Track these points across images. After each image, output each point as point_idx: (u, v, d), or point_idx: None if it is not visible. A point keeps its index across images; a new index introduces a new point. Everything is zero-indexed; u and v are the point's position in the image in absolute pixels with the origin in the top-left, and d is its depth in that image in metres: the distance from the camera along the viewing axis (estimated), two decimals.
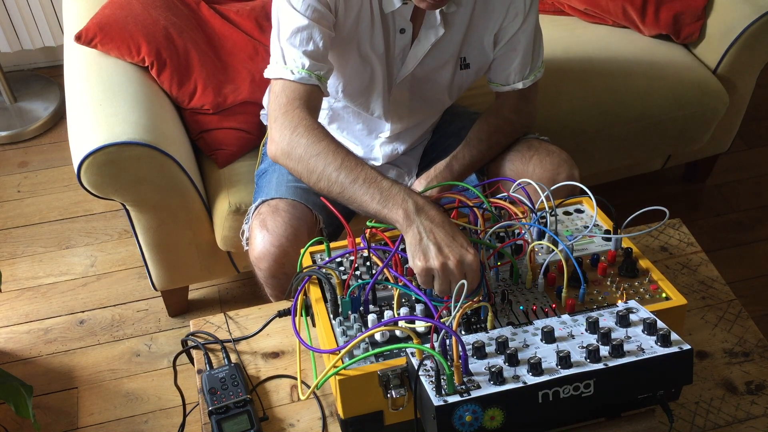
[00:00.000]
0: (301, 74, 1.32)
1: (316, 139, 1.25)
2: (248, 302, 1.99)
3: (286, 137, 1.27)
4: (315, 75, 1.33)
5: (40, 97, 2.75)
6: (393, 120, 1.57)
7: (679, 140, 2.10)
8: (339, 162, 1.21)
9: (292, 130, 1.27)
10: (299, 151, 1.25)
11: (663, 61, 2.09)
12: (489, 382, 0.93)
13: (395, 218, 1.13)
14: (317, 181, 1.23)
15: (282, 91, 1.33)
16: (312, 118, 1.29)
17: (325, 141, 1.24)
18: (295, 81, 1.32)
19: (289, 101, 1.31)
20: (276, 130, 1.29)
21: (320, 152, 1.23)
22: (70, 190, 2.46)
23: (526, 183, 1.27)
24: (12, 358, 2.00)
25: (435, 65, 1.49)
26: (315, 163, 1.23)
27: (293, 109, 1.29)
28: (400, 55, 1.46)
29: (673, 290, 1.13)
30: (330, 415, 1.17)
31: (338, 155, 1.22)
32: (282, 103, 1.31)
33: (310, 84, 1.33)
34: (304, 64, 1.32)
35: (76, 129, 1.62)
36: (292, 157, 1.26)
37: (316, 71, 1.33)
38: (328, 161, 1.22)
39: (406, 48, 1.45)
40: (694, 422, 1.16)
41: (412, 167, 1.68)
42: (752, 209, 2.42)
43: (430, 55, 1.46)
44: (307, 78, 1.32)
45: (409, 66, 1.46)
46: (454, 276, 1.07)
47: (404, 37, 1.43)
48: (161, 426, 1.86)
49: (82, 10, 1.88)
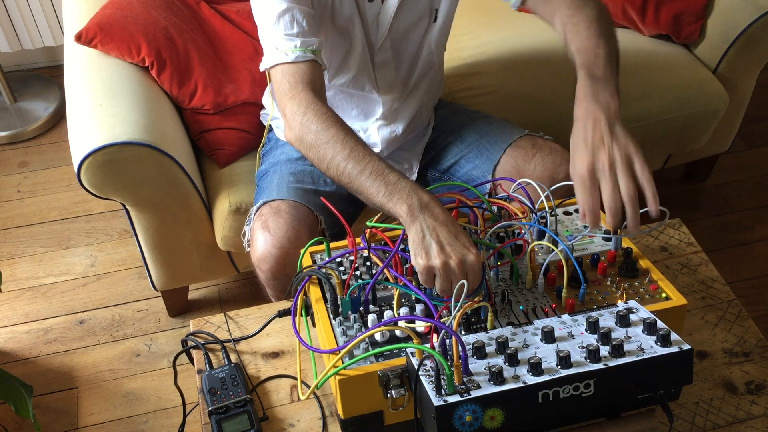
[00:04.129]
0: (296, 53, 1.32)
1: (326, 125, 1.24)
2: (248, 302, 1.99)
3: (297, 122, 1.27)
4: (309, 50, 1.33)
5: (40, 97, 2.75)
6: (384, 91, 1.56)
7: (679, 140, 2.10)
8: (347, 152, 1.20)
9: (302, 114, 1.27)
10: (310, 137, 1.25)
11: (663, 61, 2.09)
12: (489, 382, 0.93)
13: (399, 213, 1.13)
14: (327, 168, 1.23)
15: (282, 77, 1.32)
16: (320, 101, 1.28)
17: (334, 128, 1.24)
18: (292, 62, 1.32)
19: (291, 86, 1.31)
20: (288, 116, 1.29)
21: (329, 140, 1.22)
22: (70, 190, 2.46)
23: (526, 183, 1.27)
24: (12, 358, 2.00)
25: (409, 23, 1.49)
26: (324, 150, 1.23)
27: (299, 93, 1.29)
28: (375, 22, 1.46)
29: (673, 290, 1.13)
30: (330, 415, 1.17)
31: (347, 144, 1.21)
32: (286, 90, 1.31)
33: (307, 60, 1.33)
34: (295, 44, 1.32)
35: (76, 129, 1.62)
36: (304, 143, 1.26)
37: (309, 47, 1.33)
38: (336, 150, 1.21)
39: (378, 14, 1.45)
40: (694, 422, 1.16)
41: (413, 164, 1.68)
42: (752, 209, 2.42)
43: (402, 15, 1.46)
44: (302, 55, 1.32)
45: (383, 28, 1.47)
46: (455, 275, 1.07)
47: (374, 6, 1.44)
48: (161, 426, 1.86)
49: (82, 10, 1.88)
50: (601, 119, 1.11)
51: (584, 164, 1.08)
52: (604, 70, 1.20)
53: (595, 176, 1.08)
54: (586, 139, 1.10)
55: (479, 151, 1.62)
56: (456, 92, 2.03)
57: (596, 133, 1.10)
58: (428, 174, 1.71)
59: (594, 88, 1.16)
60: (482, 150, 1.61)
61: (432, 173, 1.70)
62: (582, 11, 1.33)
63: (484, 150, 1.61)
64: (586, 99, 1.15)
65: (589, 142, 1.10)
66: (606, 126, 1.10)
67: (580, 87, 1.18)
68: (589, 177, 1.08)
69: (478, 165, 1.61)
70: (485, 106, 1.95)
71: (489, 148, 1.61)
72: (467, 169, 1.62)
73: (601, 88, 1.16)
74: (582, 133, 1.11)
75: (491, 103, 1.97)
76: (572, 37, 1.30)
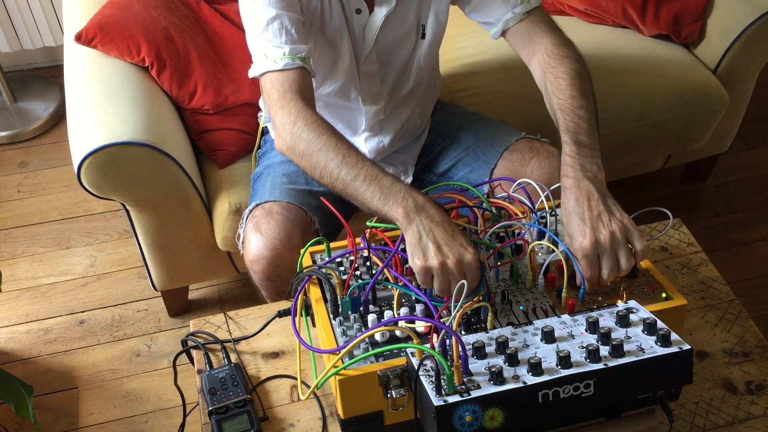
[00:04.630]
0: (285, 60, 1.32)
1: (317, 133, 1.24)
2: (248, 302, 1.98)
3: (288, 131, 1.27)
4: (298, 57, 1.33)
5: (40, 97, 2.75)
6: (368, 102, 1.56)
7: (679, 140, 2.10)
8: (340, 158, 1.20)
9: (293, 123, 1.27)
10: (301, 146, 1.25)
11: (663, 61, 2.09)
12: (489, 382, 0.93)
13: (395, 216, 1.13)
14: (321, 176, 1.23)
15: (272, 86, 1.32)
16: (310, 110, 1.28)
17: (325, 135, 1.24)
18: (281, 69, 1.32)
19: (281, 95, 1.30)
20: (278, 125, 1.29)
21: (321, 148, 1.23)
22: (70, 190, 2.46)
23: (526, 183, 1.27)
24: (12, 358, 2.00)
25: (396, 38, 1.49)
26: (317, 158, 1.23)
27: (288, 102, 1.29)
28: (362, 34, 1.46)
29: (673, 290, 1.13)
30: (330, 415, 1.17)
31: (339, 151, 1.21)
32: (275, 99, 1.31)
33: (296, 67, 1.33)
34: (284, 52, 1.32)
35: (76, 129, 1.62)
36: (296, 152, 1.26)
37: (298, 54, 1.33)
38: (329, 157, 1.21)
39: (365, 26, 1.46)
40: (694, 422, 1.16)
41: (409, 166, 1.68)
42: (752, 209, 2.42)
43: (389, 29, 1.46)
44: (291, 62, 1.32)
45: (369, 41, 1.46)
46: (453, 275, 1.07)
47: (362, 17, 1.44)
48: (161, 426, 1.86)
49: (82, 10, 1.88)
50: (593, 194, 1.15)
51: (587, 241, 1.11)
52: (589, 137, 1.24)
53: (597, 251, 1.11)
54: (583, 215, 1.13)
55: (476, 154, 1.62)
56: (455, 92, 2.03)
57: (593, 210, 1.13)
58: (425, 177, 1.70)
59: (581, 156, 1.20)
60: (479, 154, 1.61)
61: (429, 177, 1.70)
62: (564, 64, 1.35)
63: (481, 153, 1.61)
64: (575, 168, 1.18)
65: (587, 219, 1.13)
66: (600, 202, 1.14)
67: (567, 154, 1.21)
68: (592, 252, 1.11)
69: (475, 168, 1.60)
70: (484, 105, 1.95)
71: (486, 151, 1.60)
72: (464, 173, 1.62)
73: (588, 158, 1.20)
74: (576, 208, 1.14)
75: (490, 102, 1.97)
76: (554, 91, 1.32)
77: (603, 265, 1.11)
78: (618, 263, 1.11)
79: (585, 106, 1.29)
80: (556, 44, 1.39)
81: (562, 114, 1.28)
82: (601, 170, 1.19)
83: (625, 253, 1.11)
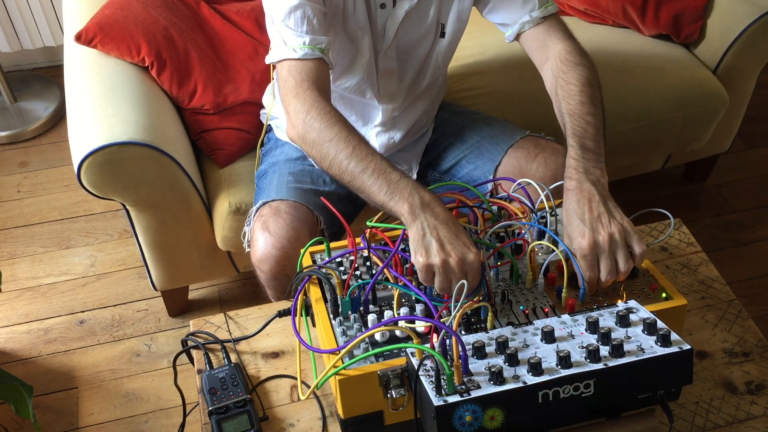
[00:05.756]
0: (304, 50, 1.32)
1: (329, 124, 1.24)
2: (248, 302, 1.99)
3: (300, 120, 1.27)
4: (318, 48, 1.33)
5: (40, 97, 2.75)
6: (384, 100, 1.56)
7: (679, 140, 2.10)
8: (350, 150, 1.20)
9: (306, 112, 1.27)
10: (313, 135, 1.25)
11: (663, 61, 2.09)
12: (489, 382, 0.93)
13: (400, 212, 1.13)
14: (329, 167, 1.24)
15: (289, 74, 1.32)
16: (325, 101, 1.29)
17: (337, 126, 1.24)
18: (300, 59, 1.32)
19: (297, 83, 1.31)
20: (291, 113, 1.30)
21: (332, 138, 1.23)
22: (70, 190, 2.46)
23: (526, 183, 1.27)
24: (12, 358, 2.00)
25: (416, 35, 1.49)
26: (327, 149, 1.23)
27: (304, 91, 1.29)
28: (383, 29, 1.46)
29: (673, 290, 1.13)
30: (330, 415, 1.17)
31: (350, 142, 1.21)
32: (291, 87, 1.31)
33: (315, 58, 1.33)
34: (304, 41, 1.32)
35: (76, 129, 1.62)
36: (306, 141, 1.27)
37: (317, 45, 1.33)
38: (339, 148, 1.21)
39: (387, 20, 1.46)
40: (694, 422, 1.16)
41: (413, 164, 1.68)
42: (752, 209, 2.42)
43: (409, 25, 1.46)
44: (311, 53, 1.32)
45: (389, 36, 1.47)
46: (454, 274, 1.07)
47: (385, 12, 1.44)
48: (161, 426, 1.86)
49: (82, 10, 1.88)
50: (594, 197, 1.16)
51: (586, 241, 1.12)
52: (595, 143, 1.25)
53: (595, 252, 1.12)
54: (583, 216, 1.14)
55: (480, 152, 1.62)
56: (456, 92, 2.03)
57: (593, 211, 1.14)
58: (429, 175, 1.70)
59: (585, 160, 1.21)
60: (483, 151, 1.61)
61: (432, 174, 1.70)
62: (576, 71, 1.36)
63: (486, 151, 1.61)
64: (578, 171, 1.20)
65: (587, 220, 1.13)
66: (601, 204, 1.15)
67: (572, 158, 1.22)
68: (590, 253, 1.12)
69: (479, 166, 1.61)
70: (486, 105, 1.95)
71: (490, 149, 1.61)
72: (468, 170, 1.62)
73: (593, 162, 1.21)
74: (577, 209, 1.15)
75: (492, 102, 1.97)
76: (564, 96, 1.34)
77: (601, 266, 1.12)
78: (616, 265, 1.12)
79: (594, 113, 1.30)
80: (570, 51, 1.40)
81: (571, 119, 1.29)
82: (604, 175, 1.20)
83: (623, 255, 1.11)
